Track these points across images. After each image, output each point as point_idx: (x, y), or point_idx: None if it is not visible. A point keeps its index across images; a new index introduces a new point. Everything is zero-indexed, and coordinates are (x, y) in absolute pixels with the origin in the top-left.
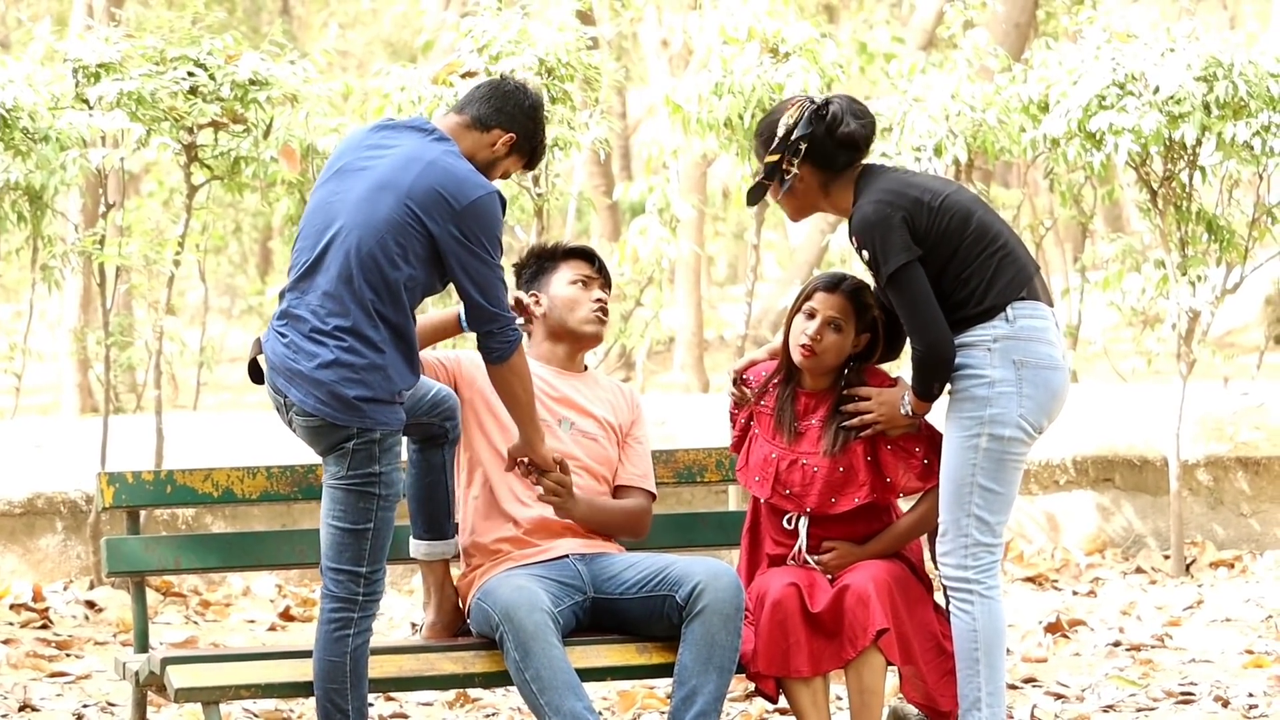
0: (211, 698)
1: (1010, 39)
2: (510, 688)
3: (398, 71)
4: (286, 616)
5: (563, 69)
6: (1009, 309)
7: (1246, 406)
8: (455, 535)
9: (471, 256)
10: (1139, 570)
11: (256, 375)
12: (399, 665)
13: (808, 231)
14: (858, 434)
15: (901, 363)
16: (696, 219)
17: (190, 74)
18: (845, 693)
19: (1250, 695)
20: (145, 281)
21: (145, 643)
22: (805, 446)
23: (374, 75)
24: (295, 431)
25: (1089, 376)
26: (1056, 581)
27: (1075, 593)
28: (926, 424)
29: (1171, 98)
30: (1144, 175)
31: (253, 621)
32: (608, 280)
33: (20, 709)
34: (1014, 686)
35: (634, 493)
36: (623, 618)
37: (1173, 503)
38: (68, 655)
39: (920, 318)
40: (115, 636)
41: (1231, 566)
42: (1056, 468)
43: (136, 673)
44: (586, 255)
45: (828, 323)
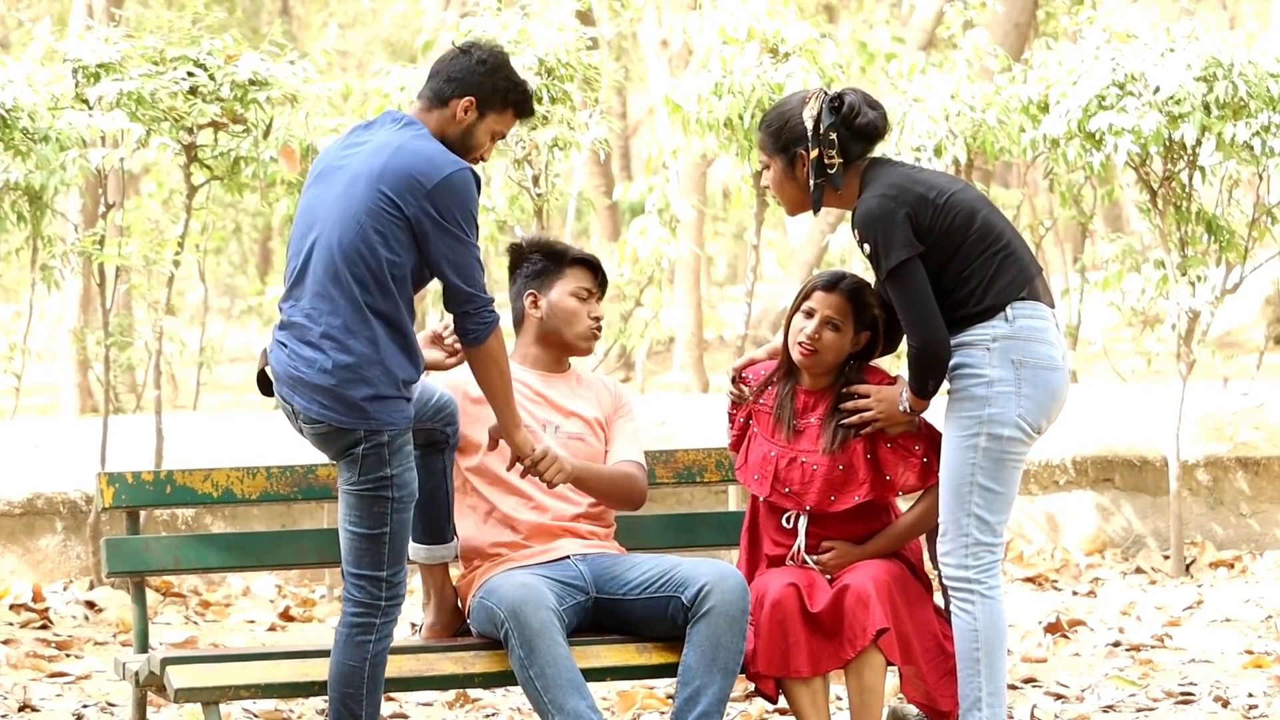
0: (211, 698)
1: (1010, 39)
2: (510, 688)
3: (397, 71)
4: (286, 617)
5: (562, 69)
6: (1009, 309)
7: (1246, 406)
8: (455, 538)
9: (446, 235)
10: (1139, 570)
11: (265, 387)
12: (399, 665)
13: (808, 231)
14: (857, 432)
15: (901, 361)
16: (696, 219)
17: (190, 74)
18: (845, 693)
19: (1250, 695)
20: (145, 281)
21: (145, 643)
22: (804, 444)
23: (374, 75)
24: (307, 439)
25: (1089, 376)
26: (1056, 582)
27: (1075, 593)
28: (925, 423)
29: (1171, 98)
30: (1144, 175)
31: (252, 622)
32: (605, 290)
33: (20, 709)
34: (1014, 686)
35: (622, 465)
36: (625, 618)
37: (1172, 503)
38: (67, 655)
39: (917, 314)
40: (115, 637)
41: (1231, 567)
42: (1056, 468)
43: (136, 673)
44: (592, 266)
45: (825, 322)
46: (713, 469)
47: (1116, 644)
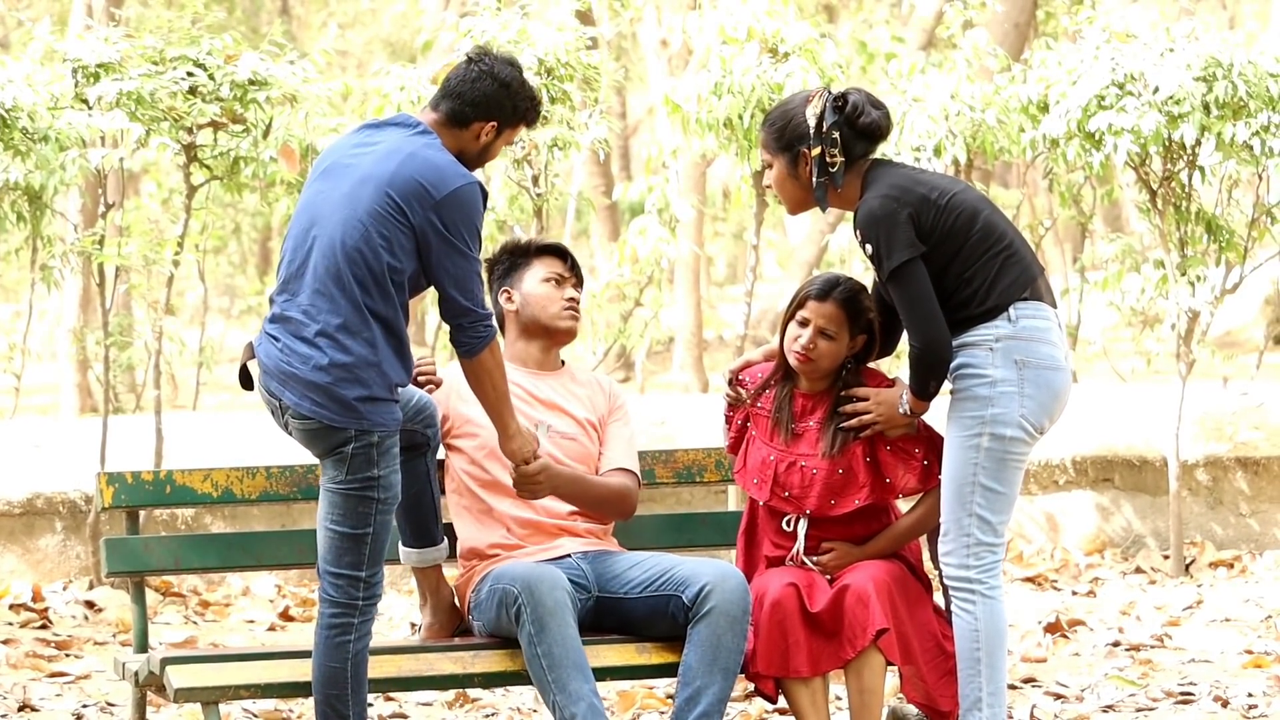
0: (211, 698)
1: (1010, 39)
2: (510, 688)
3: (397, 71)
4: (286, 616)
5: (562, 69)
6: (1011, 309)
7: (1246, 406)
8: (444, 539)
9: (449, 247)
10: (1138, 570)
11: (246, 382)
12: (398, 665)
13: (807, 231)
14: (856, 435)
15: (900, 362)
16: (696, 219)
17: (189, 74)
18: (845, 692)
19: (1250, 695)
20: (145, 281)
21: (145, 643)
22: (804, 448)
23: (373, 75)
24: (291, 435)
25: (1089, 376)
26: (1056, 581)
27: (1075, 593)
28: (926, 426)
29: (1171, 98)
30: (1143, 175)
31: (252, 621)
32: (580, 279)
33: (20, 709)
34: (1013, 686)
35: (614, 474)
36: (626, 617)
37: (1172, 503)
38: (67, 655)
39: (919, 315)
40: (115, 636)
41: (1231, 566)
42: (1056, 468)
43: (136, 673)
44: (559, 253)
45: (820, 331)
46: (712, 469)
47: (1116, 644)
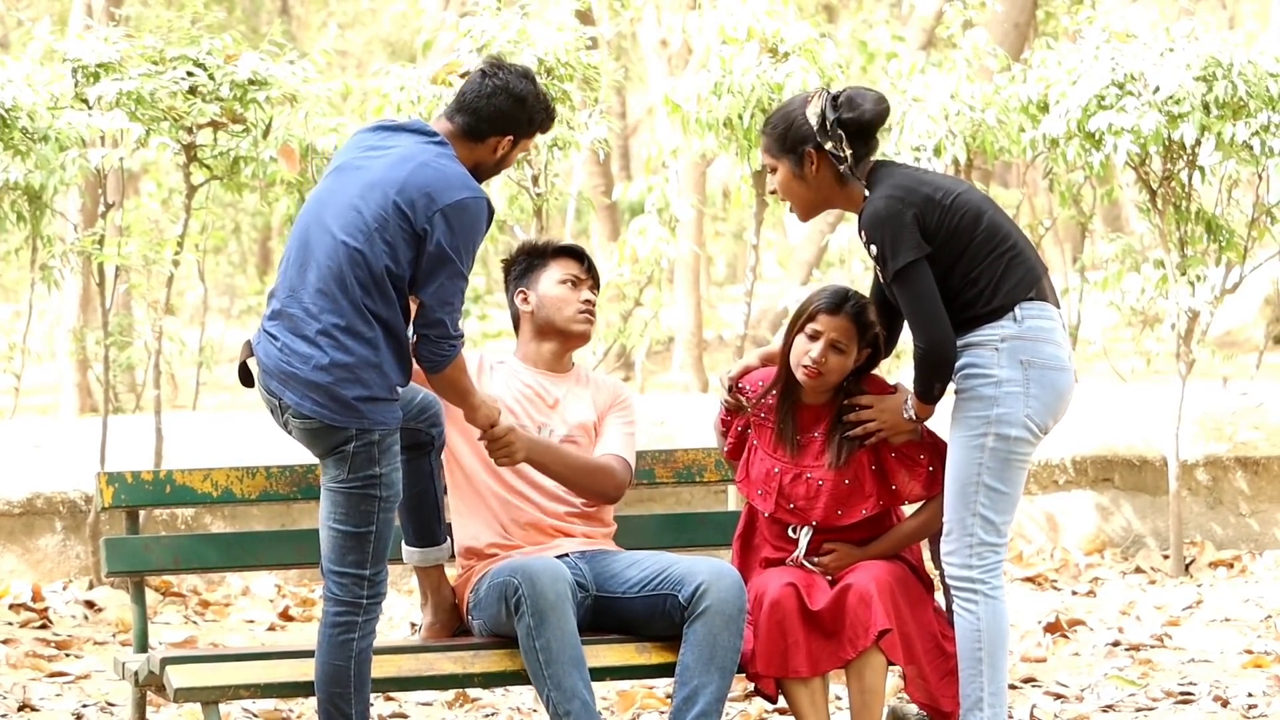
0: (211, 698)
1: (1010, 39)
2: (510, 687)
3: (397, 71)
4: (286, 616)
5: (562, 69)
6: (1017, 309)
7: (1245, 406)
8: (447, 539)
9: (441, 257)
10: (1138, 570)
11: (246, 379)
12: (398, 665)
13: (807, 231)
14: (861, 443)
15: (900, 363)
16: (696, 219)
17: (189, 74)
18: (845, 692)
19: (1250, 695)
20: (144, 281)
21: (144, 643)
22: (809, 460)
23: (373, 75)
24: (291, 434)
25: (1089, 376)
26: (1056, 581)
27: (1074, 593)
28: (930, 432)
29: (1171, 98)
30: (1143, 175)
31: (252, 621)
32: (596, 281)
33: (20, 709)
34: (1013, 686)
35: (601, 456)
36: (624, 617)
37: (1172, 503)
38: (67, 655)
39: (924, 315)
40: (114, 636)
41: (1230, 566)
42: (1056, 467)
43: (136, 673)
44: (576, 255)
45: (831, 345)
46: (712, 469)
47: (1116, 644)
